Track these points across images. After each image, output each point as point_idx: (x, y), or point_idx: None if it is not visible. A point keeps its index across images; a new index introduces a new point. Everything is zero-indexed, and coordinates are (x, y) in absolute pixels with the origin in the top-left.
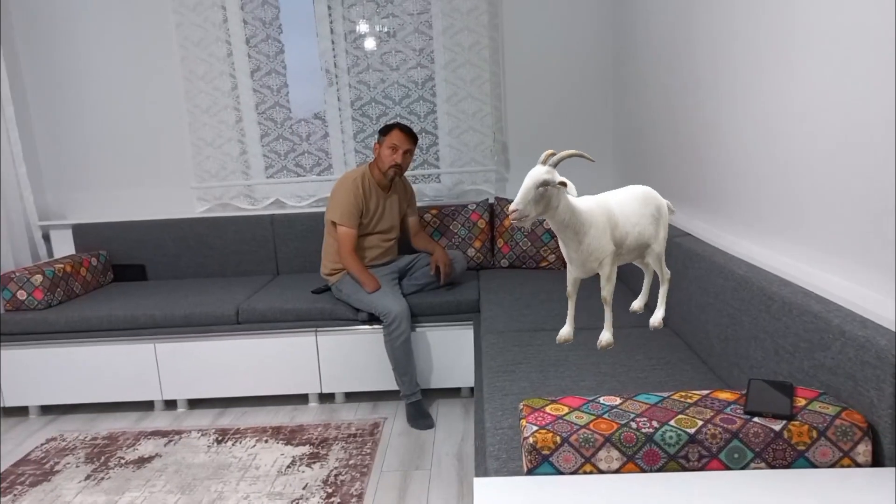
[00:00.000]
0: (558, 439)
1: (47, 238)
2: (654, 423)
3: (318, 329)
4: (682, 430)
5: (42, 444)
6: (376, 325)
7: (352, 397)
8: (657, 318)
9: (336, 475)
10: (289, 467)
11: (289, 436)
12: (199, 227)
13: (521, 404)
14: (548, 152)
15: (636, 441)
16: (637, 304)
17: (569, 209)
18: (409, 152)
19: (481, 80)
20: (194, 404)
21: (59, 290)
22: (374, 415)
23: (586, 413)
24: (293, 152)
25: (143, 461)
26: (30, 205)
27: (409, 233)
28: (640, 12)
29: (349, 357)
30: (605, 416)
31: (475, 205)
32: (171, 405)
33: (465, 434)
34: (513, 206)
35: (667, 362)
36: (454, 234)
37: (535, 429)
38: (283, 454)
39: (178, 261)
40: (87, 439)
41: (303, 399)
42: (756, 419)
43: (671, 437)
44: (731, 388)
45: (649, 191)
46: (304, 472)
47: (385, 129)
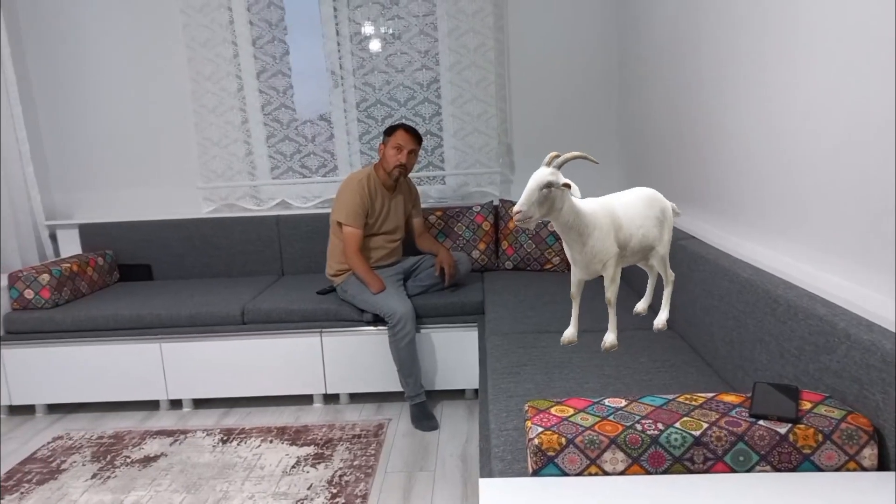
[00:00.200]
0: (564, 441)
1: (54, 237)
2: (660, 426)
3: (323, 330)
4: (687, 432)
5: (48, 443)
6: (381, 326)
7: (356, 398)
8: (661, 320)
9: (341, 476)
10: (293, 467)
11: (293, 436)
12: (204, 227)
13: (527, 405)
14: (552, 154)
15: (641, 443)
16: (641, 306)
17: (573, 211)
18: (413, 152)
19: (486, 82)
20: (199, 404)
21: (65, 289)
22: (378, 416)
23: (591, 415)
24: (299, 153)
25: (148, 460)
26: (37, 204)
27: (413, 234)
28: (644, 14)
29: (354, 358)
30: (611, 417)
31: (480, 207)
32: (176, 405)
33: (470, 435)
34: (517, 207)
35: (671, 365)
36: (459, 236)
37: (540, 430)
38: (287, 454)
39: (183, 261)
40: (93, 438)
41: (307, 399)
42: (761, 422)
43: (676, 440)
44: (735, 391)
45: (654, 193)
46: (308, 472)
47: (390, 130)
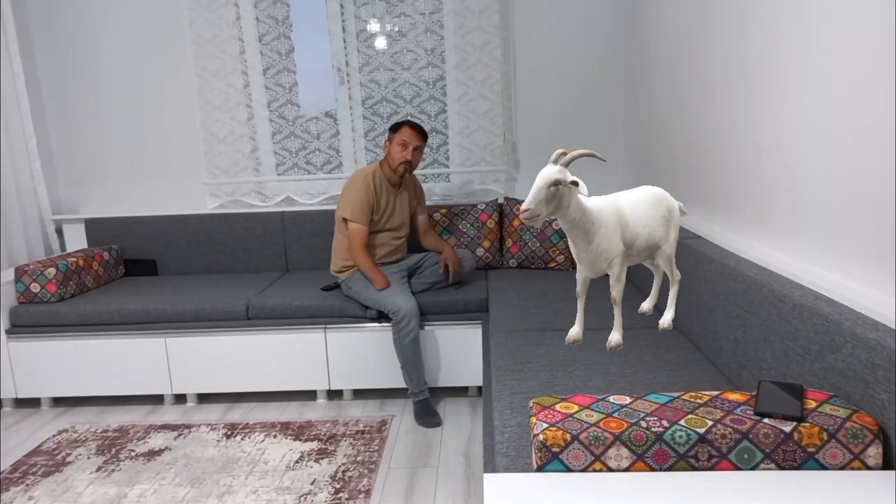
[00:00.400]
0: (568, 437)
1: (60, 232)
2: (664, 423)
3: (328, 326)
4: (692, 429)
5: (54, 436)
6: (385, 323)
7: (360, 394)
8: (666, 319)
9: (344, 471)
10: (297, 462)
11: (297, 431)
12: (210, 222)
13: (532, 402)
14: (559, 151)
15: (646, 440)
16: (646, 305)
17: (579, 209)
18: (419, 149)
19: (492, 80)
20: (203, 399)
21: (71, 283)
22: (381, 412)
23: (596, 411)
24: (304, 150)
25: (153, 454)
26: (43, 199)
27: (418, 231)
28: (652, 12)
29: (358, 354)
30: (615, 414)
31: (484, 204)
32: (180, 399)
33: (473, 432)
34: (524, 205)
35: (675, 363)
36: (463, 234)
37: (545, 426)
38: (291, 449)
39: (188, 256)
40: (98, 431)
41: (311, 395)
42: (766, 420)
43: (681, 437)
44: (740, 389)
45: (661, 192)
46: (312, 467)
47: (395, 127)
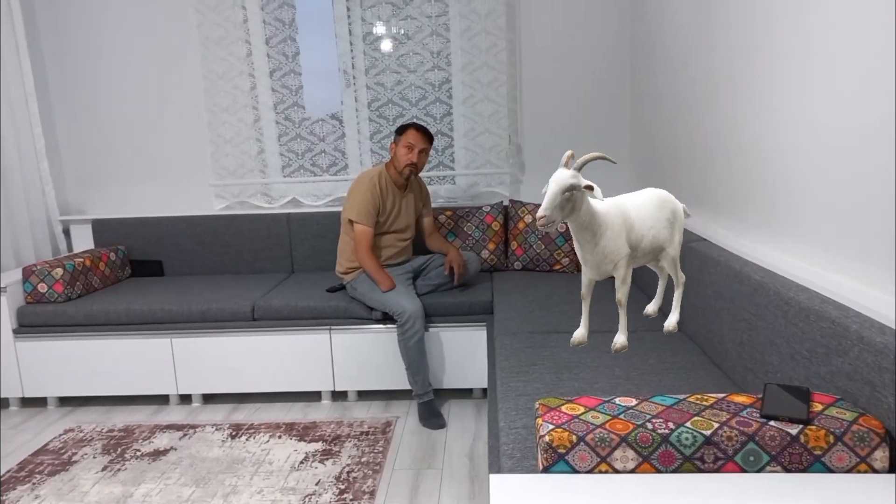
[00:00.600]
0: (574, 438)
1: (67, 233)
2: (670, 425)
3: (333, 327)
4: (698, 431)
5: (60, 435)
6: (390, 325)
7: (364, 395)
8: (671, 322)
9: (348, 472)
10: (302, 463)
11: (302, 432)
12: (216, 224)
13: (538, 403)
14: (568, 153)
15: (652, 441)
16: (651, 307)
17: (589, 212)
18: (424, 151)
19: (498, 83)
20: (209, 399)
21: (78, 283)
22: (386, 413)
23: (602, 413)
24: (310, 152)
25: (158, 454)
26: (51, 200)
27: (423, 233)
28: (656, 15)
29: (362, 355)
30: (621, 416)
31: (490, 207)
32: (185, 399)
33: (477, 434)
34: (540, 211)
35: (681, 366)
36: (468, 236)
37: (551, 427)
38: (296, 450)
39: (195, 257)
40: (103, 431)
41: (316, 396)
42: (772, 423)
43: (687, 439)
44: (746, 392)
45: (665, 194)
46: (316, 468)
47: (401, 129)
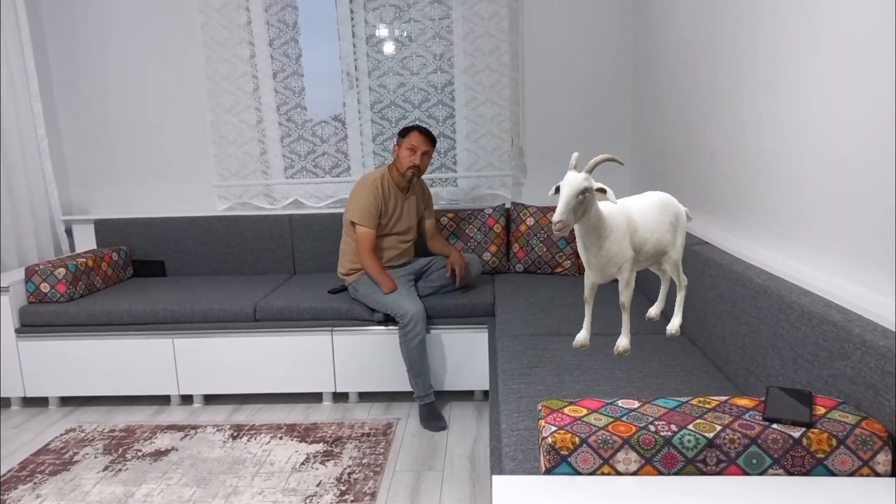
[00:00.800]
0: (577, 440)
1: (70, 232)
2: (673, 427)
3: (334, 328)
4: (700, 434)
5: (61, 435)
6: (391, 326)
7: (365, 397)
8: (674, 325)
9: (350, 473)
10: (303, 464)
11: (303, 433)
12: (218, 225)
13: (540, 405)
14: (575, 155)
15: (655, 444)
16: (653, 311)
17: (598, 214)
18: (427, 154)
19: (500, 86)
20: (210, 400)
21: (80, 283)
22: (387, 415)
23: (605, 415)
24: (312, 153)
25: (159, 454)
26: (54, 199)
27: (425, 235)
28: (660, 18)
29: (364, 357)
30: (624, 418)
31: (492, 209)
32: (187, 400)
33: (478, 436)
34: (556, 216)
35: (683, 369)
36: (470, 238)
37: (553, 429)
38: (297, 451)
39: (197, 258)
40: (105, 431)
41: (317, 397)
42: (775, 426)
43: (689, 441)
44: (748, 396)
45: (668, 197)
46: (318, 469)
47: (404, 131)
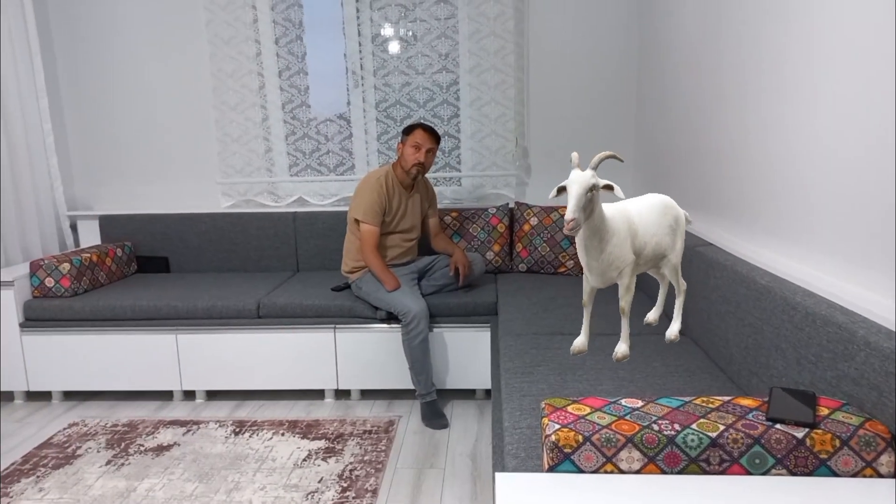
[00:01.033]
0: (580, 438)
1: (74, 228)
2: (676, 426)
3: (337, 326)
4: (703, 433)
5: (64, 429)
6: (394, 324)
7: (367, 395)
8: (673, 331)
9: (351, 470)
10: (305, 460)
11: (305, 430)
12: (222, 221)
13: (544, 403)
14: (575, 154)
15: (658, 443)
16: (652, 315)
17: (601, 216)
18: (431, 151)
19: (505, 86)
20: (212, 395)
21: (84, 278)
22: (389, 413)
23: (608, 414)
24: (317, 151)
25: (161, 449)
26: (59, 195)
27: (429, 234)
28: (665, 21)
29: (366, 355)
30: (627, 417)
31: (495, 209)
32: (189, 395)
33: (480, 435)
34: (569, 214)
35: (685, 370)
36: (473, 237)
37: (557, 427)
38: (299, 447)
39: (201, 254)
40: (107, 426)
41: (319, 395)
42: (778, 426)
43: (693, 441)
44: (751, 396)
45: (668, 200)
46: (319, 465)
47: (408, 129)
